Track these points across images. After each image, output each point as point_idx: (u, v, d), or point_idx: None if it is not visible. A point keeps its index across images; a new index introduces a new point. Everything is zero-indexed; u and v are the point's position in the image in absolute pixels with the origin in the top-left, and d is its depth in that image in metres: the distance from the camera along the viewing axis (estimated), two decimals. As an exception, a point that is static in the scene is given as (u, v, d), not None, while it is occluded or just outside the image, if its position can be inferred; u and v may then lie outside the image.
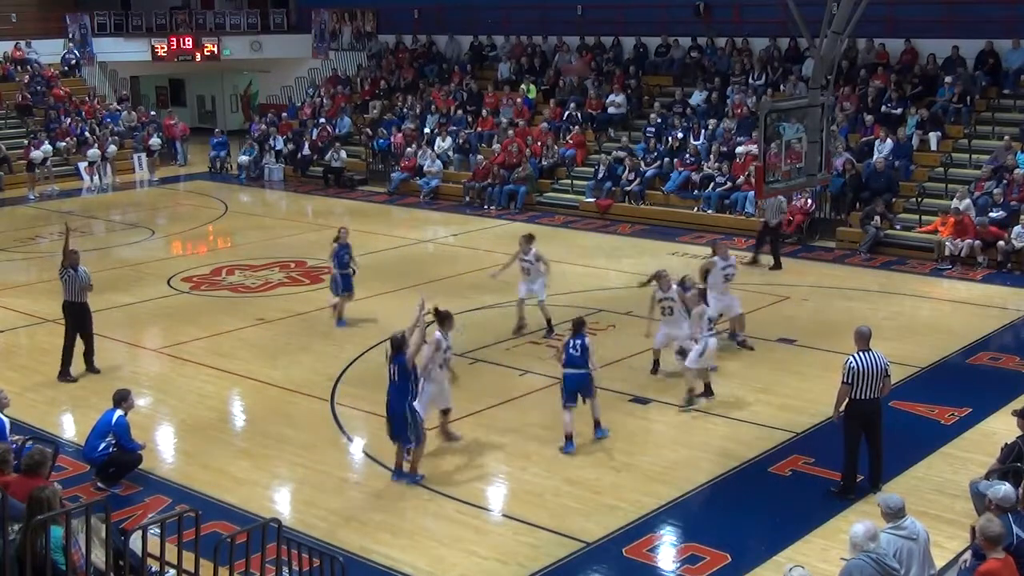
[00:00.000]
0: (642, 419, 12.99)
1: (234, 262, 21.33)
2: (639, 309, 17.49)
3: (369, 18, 36.35)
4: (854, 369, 10.52)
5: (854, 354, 10.65)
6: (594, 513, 10.57)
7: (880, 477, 10.89)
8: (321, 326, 16.97)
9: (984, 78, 24.28)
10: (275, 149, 32.06)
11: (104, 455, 11.18)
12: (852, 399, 10.64)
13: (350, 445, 12.68)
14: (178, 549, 7.27)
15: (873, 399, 10.64)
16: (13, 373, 14.74)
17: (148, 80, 40.98)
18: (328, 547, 9.37)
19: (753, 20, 28.10)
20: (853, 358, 10.60)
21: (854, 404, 10.66)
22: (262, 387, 14.31)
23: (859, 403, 10.62)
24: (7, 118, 33.04)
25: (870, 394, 10.59)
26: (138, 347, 16.20)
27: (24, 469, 8.05)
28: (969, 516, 9.70)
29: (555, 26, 31.92)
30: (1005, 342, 16.06)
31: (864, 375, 10.51)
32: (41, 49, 35.31)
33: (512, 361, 15.01)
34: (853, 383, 10.55)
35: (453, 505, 10.82)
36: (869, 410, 10.68)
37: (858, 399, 10.61)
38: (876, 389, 10.60)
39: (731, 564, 9.58)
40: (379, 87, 33.76)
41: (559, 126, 28.30)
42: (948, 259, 20.21)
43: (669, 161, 25.46)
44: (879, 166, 22.43)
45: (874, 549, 7.40)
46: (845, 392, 10.64)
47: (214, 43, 36.13)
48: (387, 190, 29.03)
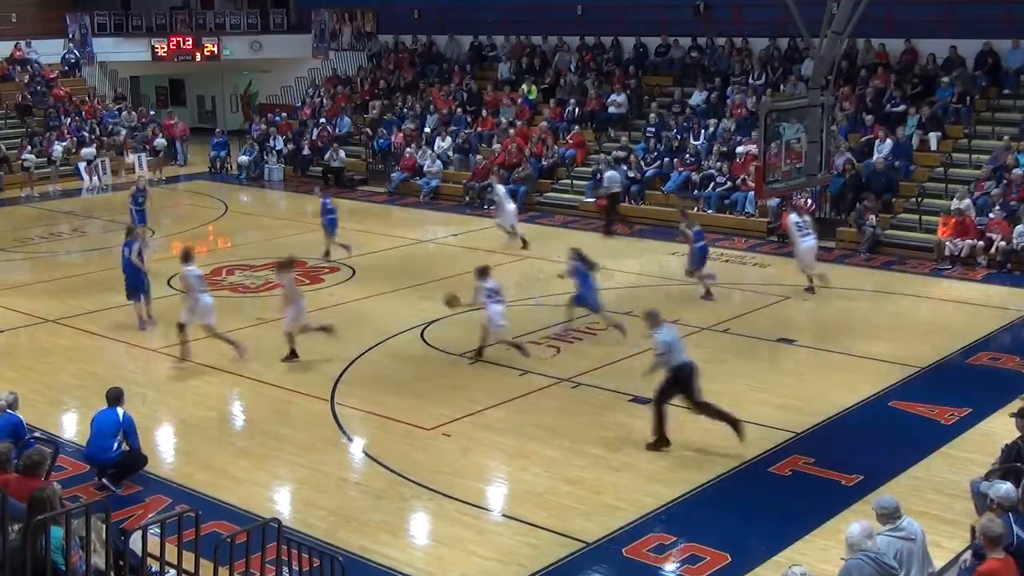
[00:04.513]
0: (642, 419, 12.95)
1: (234, 262, 21.34)
2: (639, 309, 17.54)
3: (369, 18, 36.36)
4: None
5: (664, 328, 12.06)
6: (594, 513, 10.57)
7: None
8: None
9: (984, 78, 24.29)
10: (275, 149, 32.09)
11: (119, 454, 11.17)
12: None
13: (350, 445, 12.68)
14: (178, 549, 7.26)
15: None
16: (13, 373, 14.74)
17: (148, 80, 40.97)
18: (328, 547, 9.38)
19: (753, 20, 28.10)
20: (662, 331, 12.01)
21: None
22: (262, 387, 14.32)
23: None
24: (7, 118, 33.07)
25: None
26: (138, 347, 16.19)
27: (23, 469, 8.05)
28: (969, 516, 9.70)
29: (555, 26, 31.92)
30: (1005, 342, 16.05)
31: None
32: (41, 49, 35.30)
33: (512, 361, 15.00)
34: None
35: (453, 505, 10.82)
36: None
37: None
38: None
39: (731, 564, 9.58)
40: (379, 87, 33.77)
41: (559, 126, 28.33)
42: (948, 259, 20.21)
43: (669, 161, 25.48)
44: (879, 166, 22.45)
45: (871, 548, 7.41)
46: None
47: (214, 43, 36.14)
48: (387, 190, 29.04)
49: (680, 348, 12.02)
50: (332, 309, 17.63)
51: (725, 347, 15.69)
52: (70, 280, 19.18)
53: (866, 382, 13.95)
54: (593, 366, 14.73)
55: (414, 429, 12.75)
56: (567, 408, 13.35)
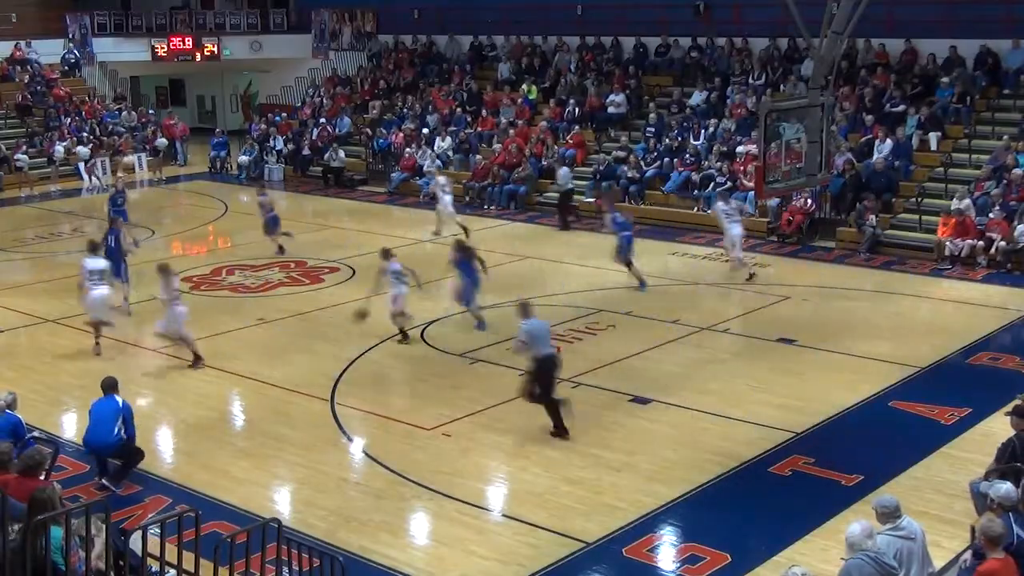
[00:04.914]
0: (642, 419, 12.99)
1: (234, 262, 21.34)
2: (639, 309, 17.57)
3: (369, 18, 36.34)
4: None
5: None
6: (594, 513, 10.57)
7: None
8: (321, 326, 16.97)
9: (984, 78, 24.29)
10: (275, 149, 32.08)
11: (119, 439, 11.18)
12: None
13: (350, 445, 12.68)
14: (178, 549, 7.26)
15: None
16: (13, 373, 14.74)
17: (148, 80, 40.97)
18: (328, 547, 9.37)
19: (753, 20, 28.09)
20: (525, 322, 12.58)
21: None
22: (262, 387, 14.31)
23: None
24: (7, 118, 33.06)
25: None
26: (138, 347, 16.19)
27: (23, 469, 8.05)
28: (969, 516, 9.69)
29: (555, 26, 31.91)
30: (1005, 342, 16.05)
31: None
32: (41, 49, 35.29)
33: (512, 361, 14.98)
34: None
35: (453, 505, 10.82)
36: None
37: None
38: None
39: (731, 564, 9.57)
40: (379, 87, 33.76)
41: (559, 126, 28.32)
42: (948, 259, 20.21)
43: (669, 161, 25.47)
44: (879, 166, 22.45)
45: (871, 548, 7.41)
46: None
47: (214, 43, 36.12)
48: (387, 190, 29.04)
49: (544, 340, 12.57)
50: (332, 309, 17.64)
51: (725, 347, 15.69)
52: (70, 280, 19.12)
53: (866, 382, 13.95)
54: (593, 366, 14.72)
55: (414, 429, 12.75)
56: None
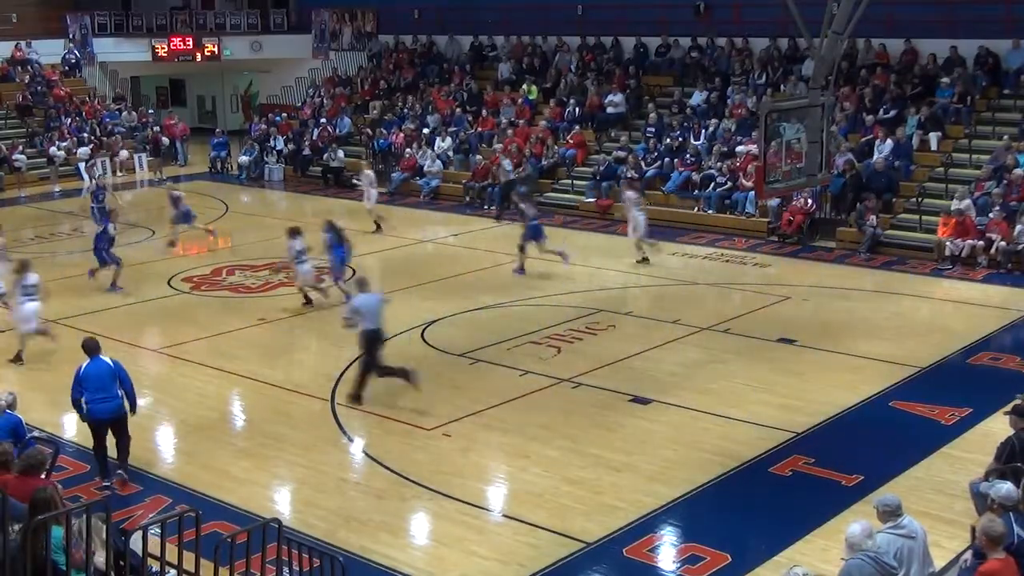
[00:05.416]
0: (642, 419, 12.99)
1: (234, 262, 21.33)
2: (639, 309, 17.57)
3: (369, 18, 36.34)
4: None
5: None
6: (594, 513, 10.57)
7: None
8: (321, 326, 16.97)
9: (984, 78, 24.28)
10: (275, 149, 32.08)
11: (121, 401, 11.28)
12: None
13: (350, 445, 12.68)
14: (178, 549, 7.26)
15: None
16: (13, 373, 14.74)
17: (148, 80, 40.97)
18: (328, 547, 9.37)
19: (753, 20, 28.08)
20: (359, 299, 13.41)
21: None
22: (262, 387, 14.31)
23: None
24: (7, 118, 33.06)
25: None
26: (138, 347, 16.18)
27: (23, 469, 8.05)
28: (969, 516, 9.70)
29: (555, 26, 31.90)
30: (1005, 342, 16.05)
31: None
32: (41, 49, 35.27)
33: (512, 361, 15.00)
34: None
35: (453, 505, 10.82)
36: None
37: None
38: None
39: (731, 564, 9.57)
40: (379, 87, 33.76)
41: (559, 126, 28.32)
42: (948, 259, 20.21)
43: (669, 161, 25.47)
44: (879, 166, 22.44)
45: (871, 548, 7.41)
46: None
47: (214, 43, 36.11)
48: (387, 190, 29.01)
49: (373, 316, 13.32)
50: (332, 309, 17.63)
51: (725, 347, 15.68)
52: (70, 280, 19.15)
53: (866, 382, 13.95)
54: (593, 366, 14.72)
55: (414, 429, 12.75)
56: (567, 408, 13.34)
